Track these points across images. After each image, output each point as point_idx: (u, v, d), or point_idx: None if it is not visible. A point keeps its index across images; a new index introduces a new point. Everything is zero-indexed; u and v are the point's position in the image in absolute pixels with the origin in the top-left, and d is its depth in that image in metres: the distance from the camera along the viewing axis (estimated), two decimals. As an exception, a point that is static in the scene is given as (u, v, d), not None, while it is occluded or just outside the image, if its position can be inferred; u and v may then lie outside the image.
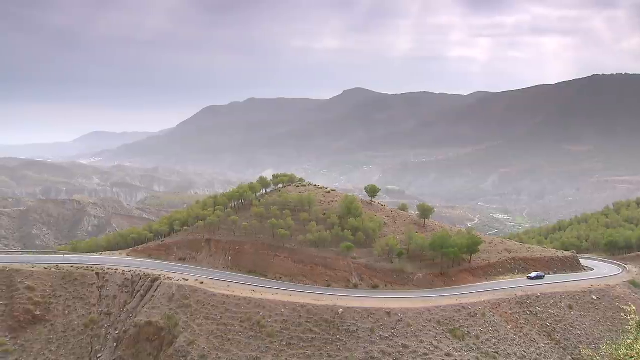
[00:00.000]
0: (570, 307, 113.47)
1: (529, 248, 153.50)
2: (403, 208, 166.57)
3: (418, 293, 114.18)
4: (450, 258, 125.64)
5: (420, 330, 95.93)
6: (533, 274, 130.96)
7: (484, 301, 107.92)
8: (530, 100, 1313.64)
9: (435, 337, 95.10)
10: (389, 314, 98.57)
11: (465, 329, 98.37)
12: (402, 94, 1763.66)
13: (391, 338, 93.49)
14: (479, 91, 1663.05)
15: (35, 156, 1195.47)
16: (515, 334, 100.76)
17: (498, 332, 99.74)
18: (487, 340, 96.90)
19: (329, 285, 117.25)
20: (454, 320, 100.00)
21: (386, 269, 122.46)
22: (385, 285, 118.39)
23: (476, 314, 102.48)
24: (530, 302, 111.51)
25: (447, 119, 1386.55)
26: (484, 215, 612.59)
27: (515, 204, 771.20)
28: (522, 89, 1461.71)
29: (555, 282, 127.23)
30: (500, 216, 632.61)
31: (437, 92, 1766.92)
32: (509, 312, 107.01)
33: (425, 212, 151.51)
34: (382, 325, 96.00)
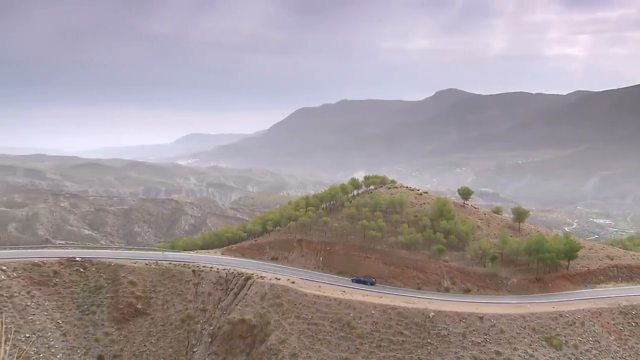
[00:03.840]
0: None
1: (634, 255, 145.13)
2: (497, 211, 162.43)
3: (512, 298, 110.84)
4: (546, 263, 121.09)
5: (514, 337, 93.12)
6: (357, 278, 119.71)
7: (583, 309, 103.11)
8: (636, 99, 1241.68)
9: (530, 344, 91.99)
10: (481, 319, 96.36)
11: (563, 337, 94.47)
12: (496, 94, 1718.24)
13: (483, 344, 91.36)
14: (578, 90, 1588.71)
15: (138, 157, 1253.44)
16: (618, 346, 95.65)
17: (599, 342, 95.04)
18: (587, 350, 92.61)
19: (419, 288, 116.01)
20: (550, 328, 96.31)
21: (479, 273, 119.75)
22: (478, 290, 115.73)
23: (574, 323, 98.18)
24: (636, 313, 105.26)
25: (544, 119, 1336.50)
26: (584, 220, 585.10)
27: (618, 208, 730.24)
28: (628, 87, 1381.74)
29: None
30: (602, 221, 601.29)
31: (534, 92, 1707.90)
32: (611, 322, 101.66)
33: (520, 215, 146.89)
34: (474, 330, 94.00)
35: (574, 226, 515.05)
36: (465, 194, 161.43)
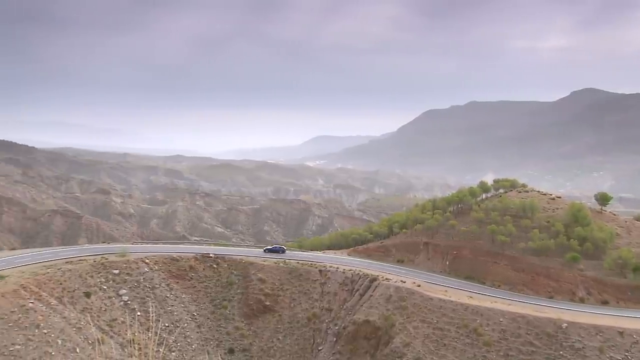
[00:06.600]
0: None
1: None
2: (639, 218, 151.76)
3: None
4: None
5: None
6: (269, 248, 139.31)
7: None
8: None
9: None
10: (621, 333, 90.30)
11: None
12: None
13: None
14: None
15: (268, 158, 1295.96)
16: None
17: None
18: None
19: (551, 297, 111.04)
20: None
21: (618, 284, 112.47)
22: (617, 302, 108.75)
23: None
24: None
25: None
26: None
27: None
28: None
29: None
30: None
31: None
32: None
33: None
34: (612, 345, 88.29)
35: None
36: (603, 199, 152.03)
